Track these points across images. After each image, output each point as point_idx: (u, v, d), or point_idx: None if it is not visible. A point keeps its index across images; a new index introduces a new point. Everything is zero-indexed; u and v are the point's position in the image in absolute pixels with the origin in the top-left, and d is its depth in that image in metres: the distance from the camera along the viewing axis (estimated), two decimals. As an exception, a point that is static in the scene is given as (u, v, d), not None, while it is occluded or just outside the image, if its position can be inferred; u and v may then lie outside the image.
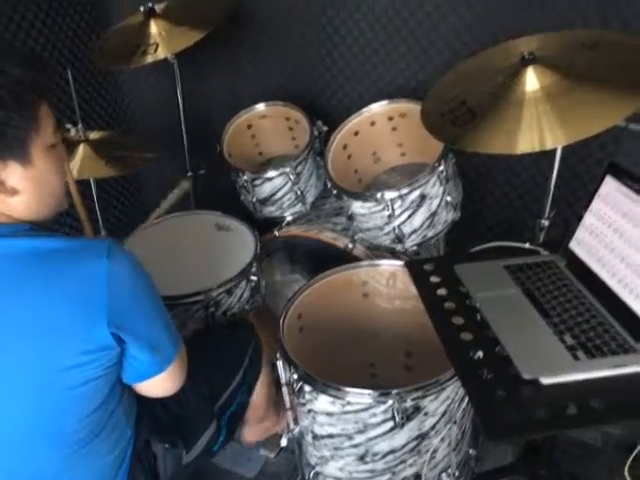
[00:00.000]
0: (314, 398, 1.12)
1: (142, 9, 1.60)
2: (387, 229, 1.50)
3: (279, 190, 1.67)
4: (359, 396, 1.06)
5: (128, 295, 0.84)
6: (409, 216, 1.46)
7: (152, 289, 0.90)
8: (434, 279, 1.16)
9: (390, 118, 1.62)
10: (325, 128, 1.71)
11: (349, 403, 1.07)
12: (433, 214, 1.47)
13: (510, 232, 1.76)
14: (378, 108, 1.60)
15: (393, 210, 1.43)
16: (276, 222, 1.76)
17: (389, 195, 1.41)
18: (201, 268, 1.45)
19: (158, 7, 1.65)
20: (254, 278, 1.46)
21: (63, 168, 0.90)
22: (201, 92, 1.97)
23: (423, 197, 1.43)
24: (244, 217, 1.64)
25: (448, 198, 1.47)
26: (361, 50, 1.80)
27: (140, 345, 0.87)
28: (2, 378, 0.80)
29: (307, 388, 1.12)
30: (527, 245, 1.20)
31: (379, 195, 1.41)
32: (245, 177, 1.64)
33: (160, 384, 0.95)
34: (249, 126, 1.82)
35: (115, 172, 1.56)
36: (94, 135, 1.60)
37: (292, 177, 1.63)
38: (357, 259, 1.60)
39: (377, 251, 1.62)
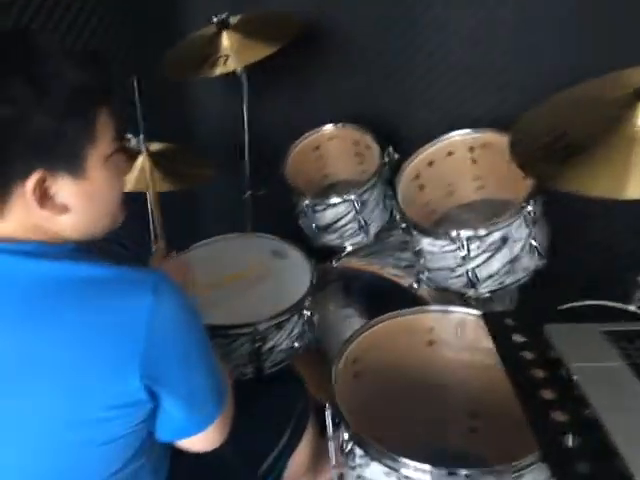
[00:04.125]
0: (366, 464, 0.97)
1: (215, 20, 1.53)
2: (459, 271, 1.34)
3: (341, 218, 1.55)
4: (420, 473, 0.90)
5: (171, 342, 0.71)
6: (487, 259, 1.29)
7: (200, 336, 0.78)
8: (518, 338, 0.98)
9: (471, 149, 1.47)
10: (396, 156, 1.58)
11: (407, 478, 0.91)
12: (514, 259, 1.30)
13: (603, 287, 1.55)
14: (459, 137, 1.46)
15: (469, 251, 1.28)
16: (334, 251, 1.64)
17: (466, 234, 1.26)
18: (251, 297, 1.34)
19: (233, 19, 1.59)
20: (307, 313, 1.33)
21: (121, 181, 0.80)
22: (268, 109, 1.89)
23: (505, 239, 1.27)
24: (301, 243, 1.53)
25: (533, 242, 1.30)
26: (443, 74, 1.67)
27: (178, 401, 0.75)
28: (15, 425, 0.69)
29: (358, 452, 0.97)
30: (633, 308, 1.01)
31: (455, 233, 1.26)
32: (307, 201, 1.53)
33: (199, 441, 0.83)
34: (316, 147, 1.72)
35: (172, 187, 1.48)
36: (155, 147, 1.53)
37: (357, 205, 1.51)
38: (421, 301, 1.45)
39: (445, 293, 1.46)
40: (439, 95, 1.71)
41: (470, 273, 1.32)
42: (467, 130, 1.47)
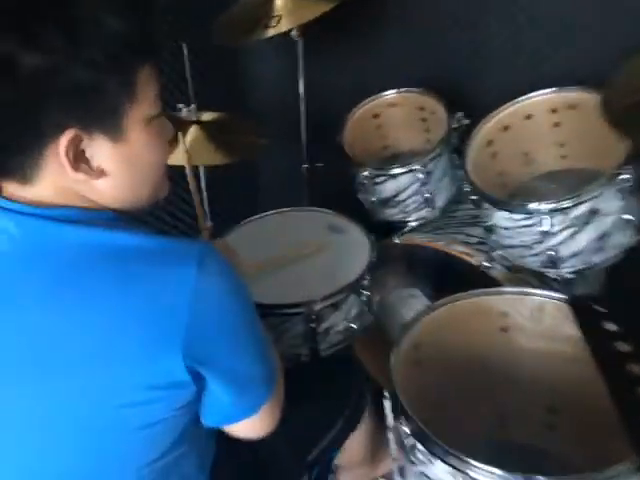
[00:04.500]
0: (429, 462, 0.87)
1: (268, -21, 1.42)
2: (538, 249, 1.19)
3: (404, 190, 1.42)
4: (490, 476, 0.78)
5: (217, 319, 0.65)
6: (571, 235, 1.14)
7: (250, 315, 0.71)
8: (610, 326, 0.84)
9: (553, 111, 1.30)
10: (466, 121, 1.43)
11: (475, 480, 0.80)
12: (603, 235, 1.14)
13: None
14: (539, 98, 1.29)
15: (550, 226, 1.13)
16: (397, 227, 1.52)
17: (547, 206, 1.11)
18: (306, 274, 1.25)
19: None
20: (366, 292, 1.23)
21: (164, 146, 0.72)
22: (326, 76, 1.77)
23: (593, 212, 1.11)
24: (360, 218, 1.43)
25: (626, 216, 1.13)
26: (520, 29, 1.49)
27: (224, 384, 0.68)
28: (45, 408, 0.64)
29: (421, 447, 0.87)
30: None
31: (533, 206, 1.11)
32: (366, 173, 1.41)
33: (247, 427, 0.76)
34: (375, 115, 1.59)
35: (226, 159, 1.40)
36: (207, 117, 1.46)
37: (421, 176, 1.38)
38: (494, 282, 1.31)
39: (520, 274, 1.32)
40: (515, 53, 1.53)
41: (551, 251, 1.17)
42: (549, 89, 1.29)
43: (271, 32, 1.36)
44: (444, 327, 1.13)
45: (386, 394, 0.98)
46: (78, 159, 0.62)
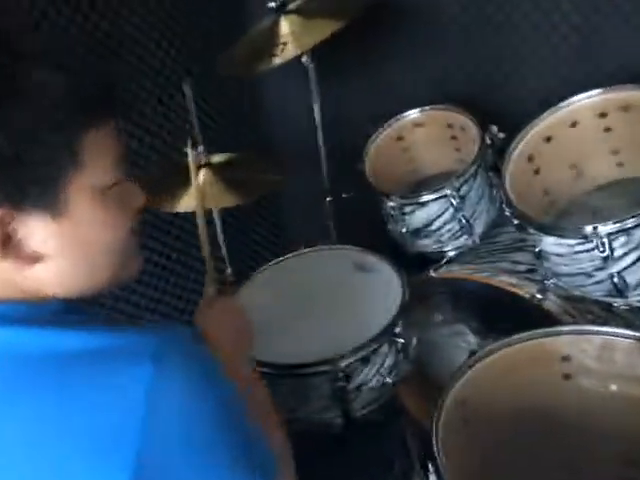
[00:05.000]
0: None
1: (271, 5, 1.33)
2: (600, 276, 1.02)
3: (437, 219, 1.28)
4: None
5: (179, 438, 0.51)
6: (639, 258, 0.96)
7: (225, 417, 0.56)
8: None
9: (602, 115, 1.13)
10: (502, 135, 1.28)
11: None
12: (679, 257, 0.95)
13: None
14: (585, 102, 1.13)
15: (612, 250, 0.95)
16: (434, 258, 1.36)
17: (606, 229, 0.93)
18: (330, 324, 1.11)
19: (293, 4, 1.38)
20: (400, 340, 1.07)
21: (124, 219, 0.60)
22: (343, 101, 1.66)
23: (664, 230, 0.92)
24: (393, 252, 1.29)
25: None
26: (554, 28, 1.34)
27: None
28: None
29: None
30: None
31: (590, 229, 0.94)
32: (392, 203, 1.27)
33: None
34: (400, 138, 1.46)
35: (240, 199, 1.30)
36: (217, 158, 1.37)
37: (454, 201, 1.23)
38: (549, 316, 1.13)
39: (581, 305, 1.13)
40: (552, 55, 1.38)
41: (616, 278, 1.00)
42: (595, 91, 1.13)
43: (278, 60, 1.26)
44: (495, 377, 0.97)
45: (429, 465, 0.83)
46: (7, 243, 0.51)
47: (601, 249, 0.96)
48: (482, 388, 0.96)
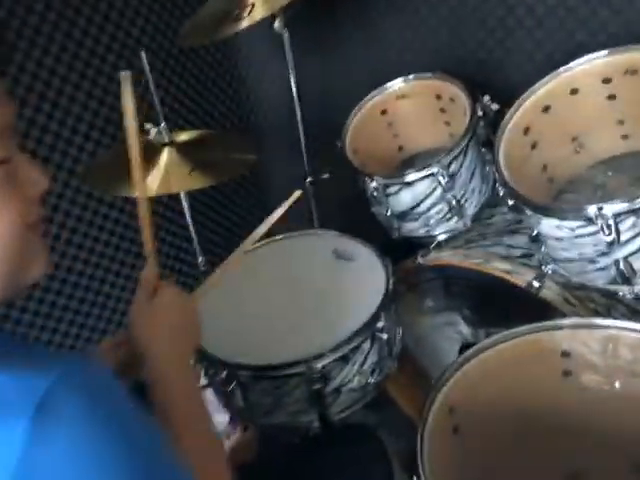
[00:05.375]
0: None
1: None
2: (604, 262, 0.92)
3: (425, 200, 1.17)
4: None
5: None
6: (647, 243, 0.85)
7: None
8: None
9: (606, 80, 1.01)
10: (495, 106, 1.16)
11: None
12: (693, 240, 0.85)
13: None
14: (585, 66, 1.01)
15: (618, 233, 0.85)
16: (422, 243, 1.25)
17: (612, 208, 0.82)
18: (308, 320, 1.01)
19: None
20: (383, 336, 0.97)
21: (19, 206, 0.49)
22: (324, 73, 1.53)
23: (677, 211, 0.82)
24: (378, 237, 1.18)
25: None
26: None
27: None
28: None
29: None
30: None
31: (593, 210, 0.83)
32: (374, 184, 1.16)
33: None
34: (383, 111, 1.34)
35: (204, 182, 1.18)
36: (182, 136, 1.25)
37: (443, 180, 1.12)
38: (547, 305, 1.04)
39: (582, 293, 1.03)
40: (550, 16, 1.26)
41: (621, 264, 0.89)
42: (596, 54, 1.01)
43: (244, 24, 1.13)
44: (487, 379, 0.88)
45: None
46: None
47: (606, 232, 0.85)
48: (473, 391, 0.87)
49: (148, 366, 0.67)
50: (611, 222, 0.84)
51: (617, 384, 0.92)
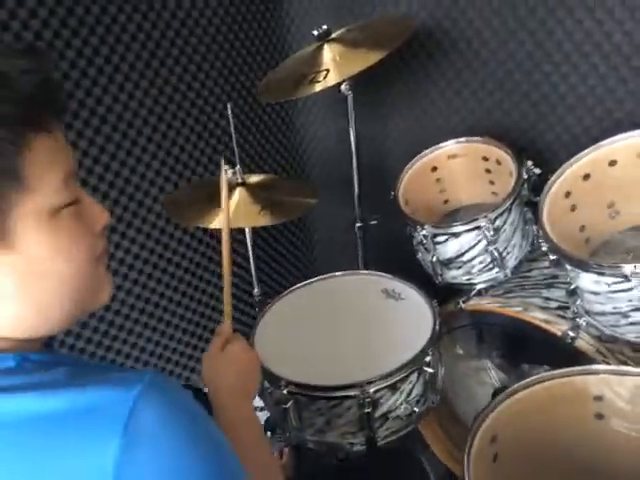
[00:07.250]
0: None
1: (315, 33, 1.37)
2: (636, 317, 1.00)
3: (469, 250, 1.27)
4: None
5: None
6: (678, 302, 0.94)
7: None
8: None
9: (641, 155, 1.13)
10: (537, 170, 1.27)
11: None
12: None
13: None
14: (625, 140, 1.12)
15: (651, 291, 0.94)
16: (462, 290, 1.35)
17: (646, 268, 0.92)
18: (358, 349, 1.11)
19: (336, 32, 1.42)
20: (429, 370, 1.06)
21: (85, 241, 0.52)
22: (379, 130, 1.68)
23: None
24: (421, 281, 1.28)
25: None
26: (593, 68, 1.35)
27: None
28: None
29: None
30: None
31: (629, 268, 0.93)
32: (424, 232, 1.27)
33: None
34: (434, 168, 1.46)
35: (270, 220, 1.31)
36: (253, 178, 1.39)
37: (488, 233, 1.22)
38: (580, 354, 1.12)
39: (613, 345, 1.11)
40: (589, 94, 1.38)
41: (652, 320, 0.98)
42: (635, 131, 1.13)
43: (318, 87, 1.28)
44: (525, 415, 0.95)
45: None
46: None
47: (638, 289, 0.95)
48: (513, 424, 0.94)
49: (215, 412, 0.74)
50: (644, 280, 0.94)
51: (645, 432, 0.99)
